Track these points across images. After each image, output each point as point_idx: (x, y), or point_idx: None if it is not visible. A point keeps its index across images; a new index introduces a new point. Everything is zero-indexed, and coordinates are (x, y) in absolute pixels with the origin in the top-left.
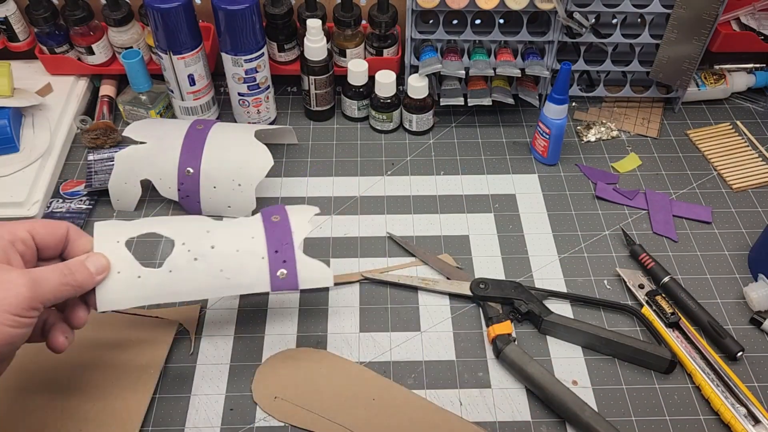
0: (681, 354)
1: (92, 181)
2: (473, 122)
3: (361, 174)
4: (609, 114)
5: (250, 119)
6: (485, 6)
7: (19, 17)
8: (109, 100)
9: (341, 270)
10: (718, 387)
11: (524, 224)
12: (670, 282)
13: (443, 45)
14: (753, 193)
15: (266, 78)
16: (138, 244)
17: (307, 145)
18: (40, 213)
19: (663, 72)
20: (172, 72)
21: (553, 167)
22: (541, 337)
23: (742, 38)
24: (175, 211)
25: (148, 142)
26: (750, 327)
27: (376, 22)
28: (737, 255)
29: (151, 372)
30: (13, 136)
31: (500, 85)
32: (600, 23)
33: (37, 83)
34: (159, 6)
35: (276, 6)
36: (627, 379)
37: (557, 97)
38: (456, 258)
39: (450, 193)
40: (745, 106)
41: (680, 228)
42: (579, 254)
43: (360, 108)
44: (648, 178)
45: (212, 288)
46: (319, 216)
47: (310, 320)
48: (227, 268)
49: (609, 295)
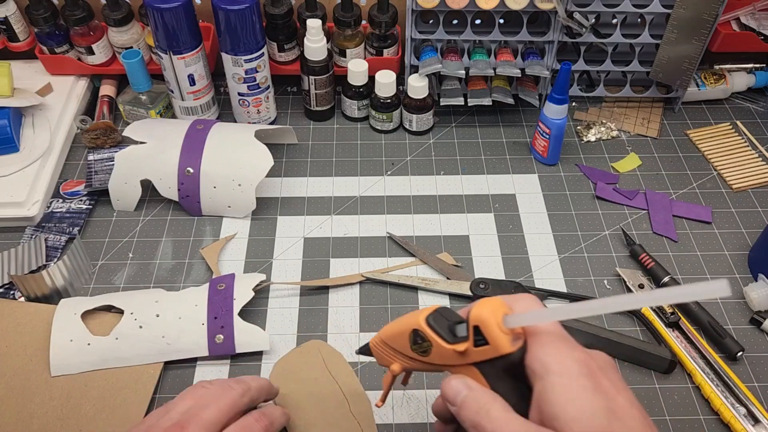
0: (681, 354)
1: (92, 181)
2: (473, 122)
3: (361, 174)
4: (609, 114)
5: (250, 119)
6: (485, 6)
7: (19, 17)
8: (109, 100)
9: (341, 270)
10: (718, 387)
11: (524, 224)
12: (670, 282)
13: (443, 45)
14: (753, 193)
15: (266, 78)
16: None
17: (307, 145)
18: (39, 213)
19: (663, 72)
20: (172, 72)
21: (553, 167)
22: None
23: (742, 38)
24: (175, 211)
25: (148, 142)
26: (750, 327)
27: (376, 22)
28: (737, 255)
29: (151, 372)
30: (13, 136)
31: (500, 85)
32: (600, 23)
33: (37, 83)
34: (159, 6)
35: (276, 6)
36: (627, 379)
37: (557, 97)
38: (456, 258)
39: (450, 193)
40: (745, 106)
41: (680, 228)
42: (579, 254)
43: (360, 108)
44: (648, 178)
45: (154, 353)
46: (319, 216)
47: (310, 320)
48: (168, 335)
49: (609, 295)
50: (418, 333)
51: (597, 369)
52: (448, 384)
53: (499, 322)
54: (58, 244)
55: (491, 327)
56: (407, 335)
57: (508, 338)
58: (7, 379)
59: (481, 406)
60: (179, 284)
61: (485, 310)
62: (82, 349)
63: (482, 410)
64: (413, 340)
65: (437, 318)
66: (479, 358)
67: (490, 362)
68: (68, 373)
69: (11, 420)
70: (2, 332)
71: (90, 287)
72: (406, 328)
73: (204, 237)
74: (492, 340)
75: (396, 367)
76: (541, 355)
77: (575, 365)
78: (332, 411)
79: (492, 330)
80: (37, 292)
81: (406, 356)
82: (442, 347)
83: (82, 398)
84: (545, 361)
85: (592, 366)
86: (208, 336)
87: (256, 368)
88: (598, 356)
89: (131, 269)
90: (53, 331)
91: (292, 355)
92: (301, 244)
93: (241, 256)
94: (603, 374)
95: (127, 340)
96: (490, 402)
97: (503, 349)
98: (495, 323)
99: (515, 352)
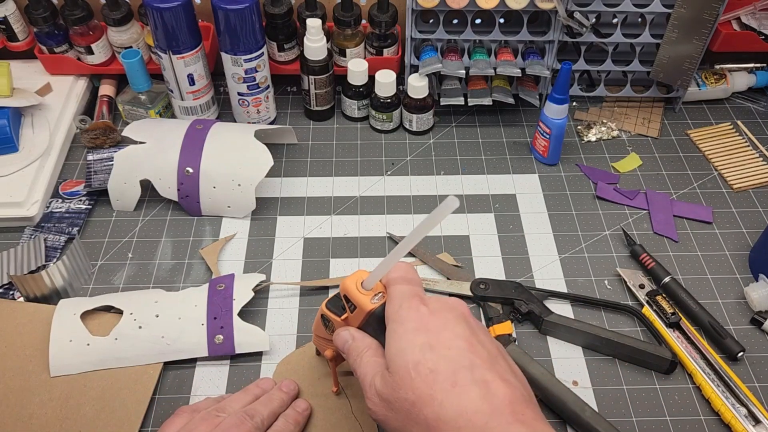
0: (681, 354)
1: (92, 181)
2: (473, 122)
3: (361, 174)
4: (609, 114)
5: (250, 119)
6: (485, 5)
7: (19, 17)
8: (109, 99)
9: (341, 270)
10: (719, 387)
11: (524, 224)
12: (670, 282)
13: (443, 45)
14: (753, 193)
15: (266, 78)
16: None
17: (307, 145)
18: (39, 213)
19: (663, 72)
20: (171, 72)
21: (554, 167)
22: (541, 338)
23: (743, 38)
24: (174, 211)
25: (147, 142)
26: (750, 327)
27: (376, 21)
28: (738, 255)
29: (151, 372)
30: (13, 136)
31: (500, 84)
32: (600, 23)
33: (36, 83)
34: (159, 6)
35: (276, 6)
36: (627, 379)
37: (558, 96)
38: (456, 258)
39: (450, 193)
40: (746, 105)
41: (681, 228)
42: (579, 254)
43: (360, 108)
44: (648, 178)
45: (154, 353)
46: (319, 216)
47: (310, 320)
48: (168, 335)
49: (609, 295)
50: (323, 317)
51: (427, 313)
52: (338, 335)
53: (358, 286)
54: (58, 244)
55: (353, 291)
56: (320, 322)
57: (368, 297)
58: (6, 379)
59: (359, 353)
60: (179, 284)
61: (348, 280)
62: (81, 350)
63: (359, 356)
64: (324, 324)
65: (333, 300)
66: (359, 320)
67: (367, 321)
68: (68, 374)
69: (11, 420)
70: (2, 332)
71: (89, 287)
72: (318, 317)
73: (204, 237)
74: (356, 302)
75: (328, 353)
76: (387, 308)
77: (406, 312)
78: (334, 411)
79: (353, 293)
80: (36, 292)
81: (328, 340)
82: (337, 321)
83: (81, 398)
84: (387, 313)
85: (422, 311)
86: (207, 336)
87: (256, 368)
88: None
89: (131, 269)
90: (53, 331)
91: (295, 355)
92: (301, 244)
93: (240, 256)
94: (433, 316)
95: (126, 340)
96: (365, 349)
97: (366, 307)
98: (355, 288)
99: (378, 308)
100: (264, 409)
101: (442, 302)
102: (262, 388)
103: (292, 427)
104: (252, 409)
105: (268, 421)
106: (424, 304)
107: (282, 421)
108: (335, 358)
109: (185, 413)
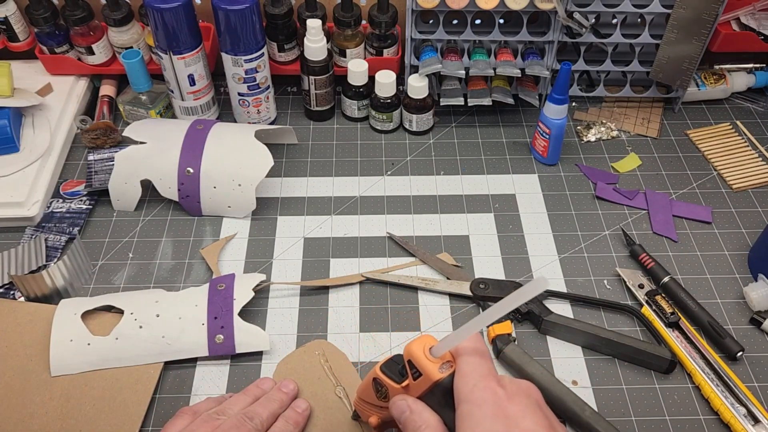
0: (681, 354)
1: (92, 181)
2: (473, 122)
3: (361, 174)
4: (609, 114)
5: (250, 119)
6: (485, 6)
7: (19, 17)
8: (109, 100)
9: (341, 270)
10: (718, 387)
11: (524, 224)
12: (670, 282)
13: (443, 45)
14: (753, 193)
15: (266, 78)
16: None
17: (307, 145)
18: (39, 213)
19: (663, 72)
20: (172, 72)
21: (553, 167)
22: (541, 337)
23: (742, 38)
24: (175, 211)
25: (148, 142)
26: (750, 327)
27: (376, 22)
28: (737, 255)
29: (152, 372)
30: (13, 136)
31: (500, 85)
32: (600, 23)
33: (37, 83)
34: (159, 6)
35: (276, 6)
36: (627, 379)
37: (557, 97)
38: (456, 258)
39: (450, 193)
40: (745, 106)
41: (680, 228)
42: (579, 254)
43: (360, 108)
44: (648, 178)
45: (155, 353)
46: (319, 216)
47: (310, 320)
48: (168, 335)
49: (609, 295)
50: (376, 381)
51: (505, 397)
52: (395, 404)
53: (426, 353)
54: (58, 244)
55: (420, 358)
56: (371, 386)
57: (436, 366)
58: (7, 379)
59: (417, 427)
60: (179, 284)
61: (414, 344)
62: (82, 349)
63: (417, 430)
64: (375, 388)
65: (389, 364)
66: (421, 390)
67: (431, 392)
68: (68, 373)
69: (11, 420)
70: (2, 332)
71: (90, 287)
72: (369, 380)
73: (204, 237)
74: (423, 369)
75: (373, 420)
76: (458, 384)
77: (482, 393)
78: (334, 411)
79: (421, 360)
80: (37, 292)
81: (376, 406)
82: (394, 388)
83: (82, 398)
84: (459, 389)
85: (499, 394)
86: (208, 336)
87: (256, 368)
88: (513, 384)
89: (131, 269)
90: (53, 331)
91: (296, 355)
92: (301, 244)
93: (241, 256)
94: (511, 401)
95: (127, 340)
96: (424, 424)
97: (433, 376)
98: (423, 354)
99: (446, 378)
100: (263, 410)
101: (517, 385)
102: (262, 389)
103: (291, 427)
104: (251, 411)
105: (268, 422)
106: (501, 386)
107: (282, 421)
108: (381, 426)
109: (186, 414)
